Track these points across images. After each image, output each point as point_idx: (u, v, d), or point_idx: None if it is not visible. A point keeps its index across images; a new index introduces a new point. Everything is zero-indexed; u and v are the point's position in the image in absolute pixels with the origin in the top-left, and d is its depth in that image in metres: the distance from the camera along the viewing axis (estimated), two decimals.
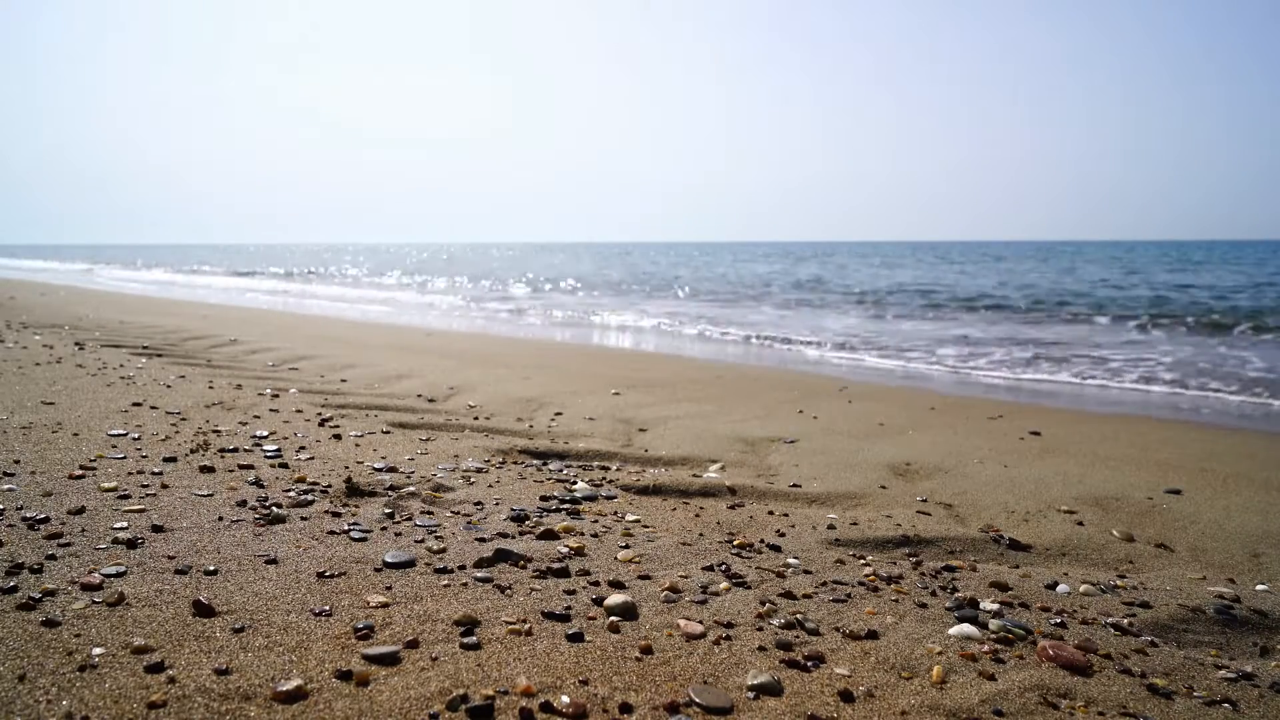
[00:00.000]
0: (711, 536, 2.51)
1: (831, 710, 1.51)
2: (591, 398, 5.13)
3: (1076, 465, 3.75)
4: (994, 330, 12.19)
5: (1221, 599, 2.20)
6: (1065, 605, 2.11)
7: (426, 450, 3.40)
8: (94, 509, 2.37)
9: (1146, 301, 17.20)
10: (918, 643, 1.82)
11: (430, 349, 7.81)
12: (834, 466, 3.56)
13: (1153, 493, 3.30)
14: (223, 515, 2.40)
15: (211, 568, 1.98)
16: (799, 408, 5.15)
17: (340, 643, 1.64)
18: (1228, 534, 2.82)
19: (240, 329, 8.95)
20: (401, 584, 1.97)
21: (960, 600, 2.08)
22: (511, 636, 1.72)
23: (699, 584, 2.09)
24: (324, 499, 2.64)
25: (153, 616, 1.70)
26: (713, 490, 3.06)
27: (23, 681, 1.41)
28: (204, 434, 3.44)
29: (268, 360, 6.22)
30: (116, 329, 8.02)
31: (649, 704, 1.49)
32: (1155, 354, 9.32)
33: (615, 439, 3.95)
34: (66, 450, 3.00)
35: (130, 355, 5.94)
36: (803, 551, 2.42)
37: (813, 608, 1.99)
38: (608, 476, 3.15)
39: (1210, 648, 1.94)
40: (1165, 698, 1.65)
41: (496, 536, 2.37)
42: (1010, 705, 1.57)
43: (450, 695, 1.46)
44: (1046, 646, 1.80)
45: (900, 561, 2.40)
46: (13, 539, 2.09)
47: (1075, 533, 2.75)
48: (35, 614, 1.67)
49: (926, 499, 3.09)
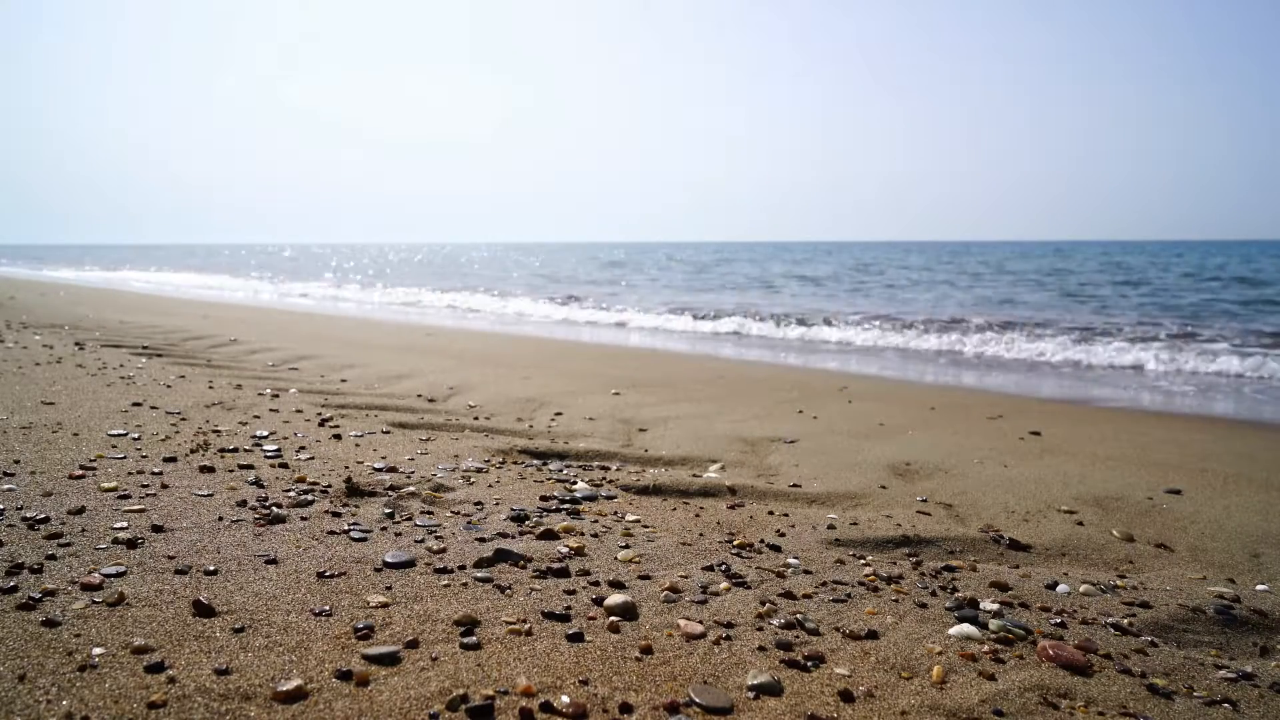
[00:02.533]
0: (711, 536, 2.51)
1: (831, 710, 1.51)
2: (591, 398, 5.13)
3: (1076, 465, 3.75)
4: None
5: (1221, 599, 2.20)
6: (1065, 605, 2.11)
7: (426, 450, 3.40)
8: (94, 509, 2.37)
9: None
10: (918, 643, 1.82)
11: (430, 349, 7.81)
12: (834, 466, 3.56)
13: (1153, 493, 3.30)
14: (223, 515, 2.40)
15: (211, 568, 1.98)
16: (799, 407, 5.15)
17: (340, 643, 1.64)
18: (1228, 534, 2.82)
19: (240, 329, 8.95)
20: (401, 584, 1.97)
21: (960, 600, 2.08)
22: (511, 636, 1.72)
23: (699, 584, 2.09)
24: (324, 499, 2.64)
25: (153, 616, 1.70)
26: (713, 490, 3.06)
27: (23, 681, 1.41)
28: (204, 434, 3.44)
29: (268, 360, 6.22)
30: (116, 329, 8.03)
31: (649, 704, 1.49)
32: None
33: (615, 439, 3.95)
34: (66, 450, 3.00)
35: (130, 355, 5.94)
36: (803, 551, 2.42)
37: (813, 608, 1.99)
38: (608, 476, 3.15)
39: (1210, 648, 1.94)
40: (1165, 698, 1.65)
41: (496, 536, 2.37)
42: (1010, 705, 1.57)
43: (450, 695, 1.46)
44: (1046, 646, 1.80)
45: (900, 561, 2.40)
46: (13, 539, 2.09)
47: (1075, 533, 2.75)
48: (35, 614, 1.67)
49: (926, 499, 3.09)
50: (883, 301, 18.01)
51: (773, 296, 19.63)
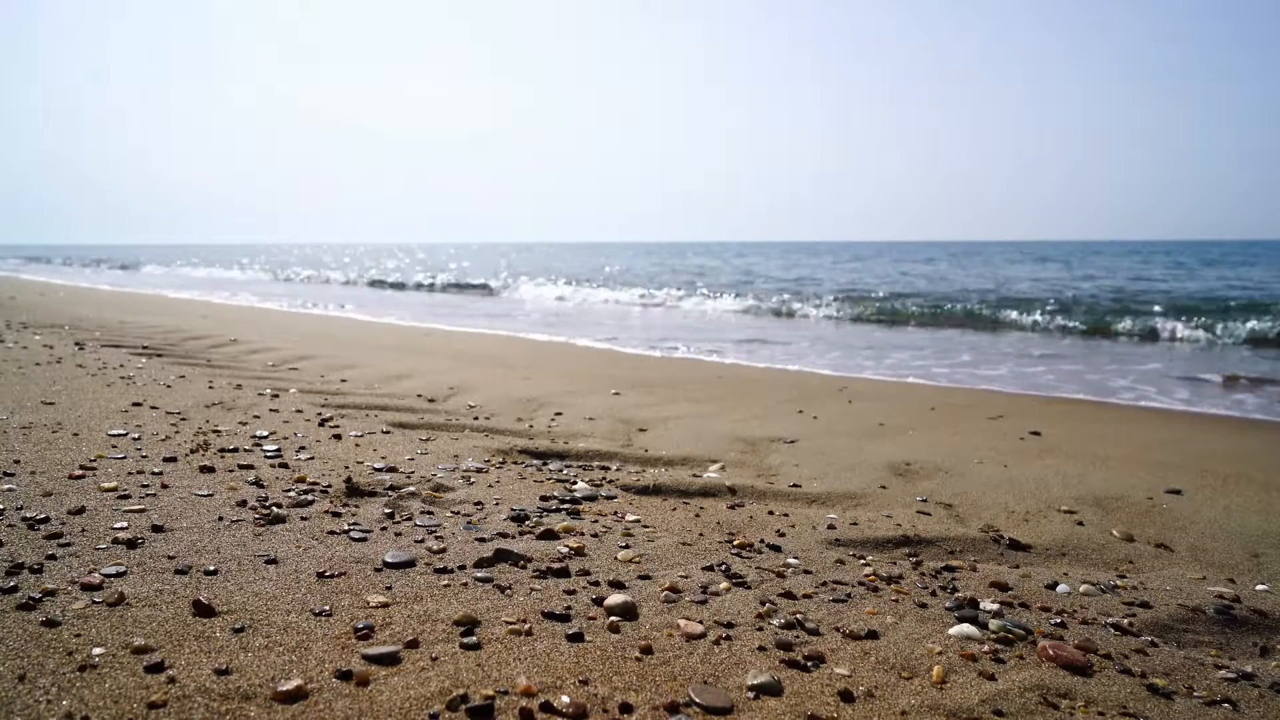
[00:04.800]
0: (711, 536, 2.51)
1: (831, 710, 1.51)
2: (591, 397, 5.13)
3: (1076, 465, 3.75)
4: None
5: (1221, 599, 2.20)
6: (1065, 605, 2.11)
7: (426, 450, 3.40)
8: (94, 509, 2.37)
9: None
10: (918, 643, 1.82)
11: (430, 349, 7.81)
12: (834, 466, 3.56)
13: (1153, 493, 3.30)
14: (223, 515, 2.40)
15: (211, 568, 1.98)
16: (799, 408, 5.15)
17: (340, 643, 1.64)
18: (1228, 534, 2.82)
19: (240, 329, 8.95)
20: (401, 584, 1.97)
21: (960, 600, 2.08)
22: (511, 636, 1.72)
23: (699, 584, 2.09)
24: (324, 499, 2.64)
25: (153, 616, 1.70)
26: (713, 490, 3.06)
27: (23, 681, 1.41)
28: (204, 434, 3.44)
29: (268, 360, 6.22)
30: (116, 329, 8.03)
31: (649, 704, 1.49)
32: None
33: (615, 439, 3.95)
34: (66, 450, 3.00)
35: (130, 355, 5.94)
36: (803, 551, 2.42)
37: (813, 608, 1.99)
38: (608, 476, 3.15)
39: (1210, 648, 1.94)
40: (1165, 698, 1.65)
41: (496, 536, 2.37)
42: (1010, 705, 1.57)
43: (450, 695, 1.46)
44: (1046, 646, 1.80)
45: (900, 561, 2.40)
46: (13, 539, 2.09)
47: (1075, 533, 2.75)
48: (35, 614, 1.67)
49: (926, 499, 3.09)
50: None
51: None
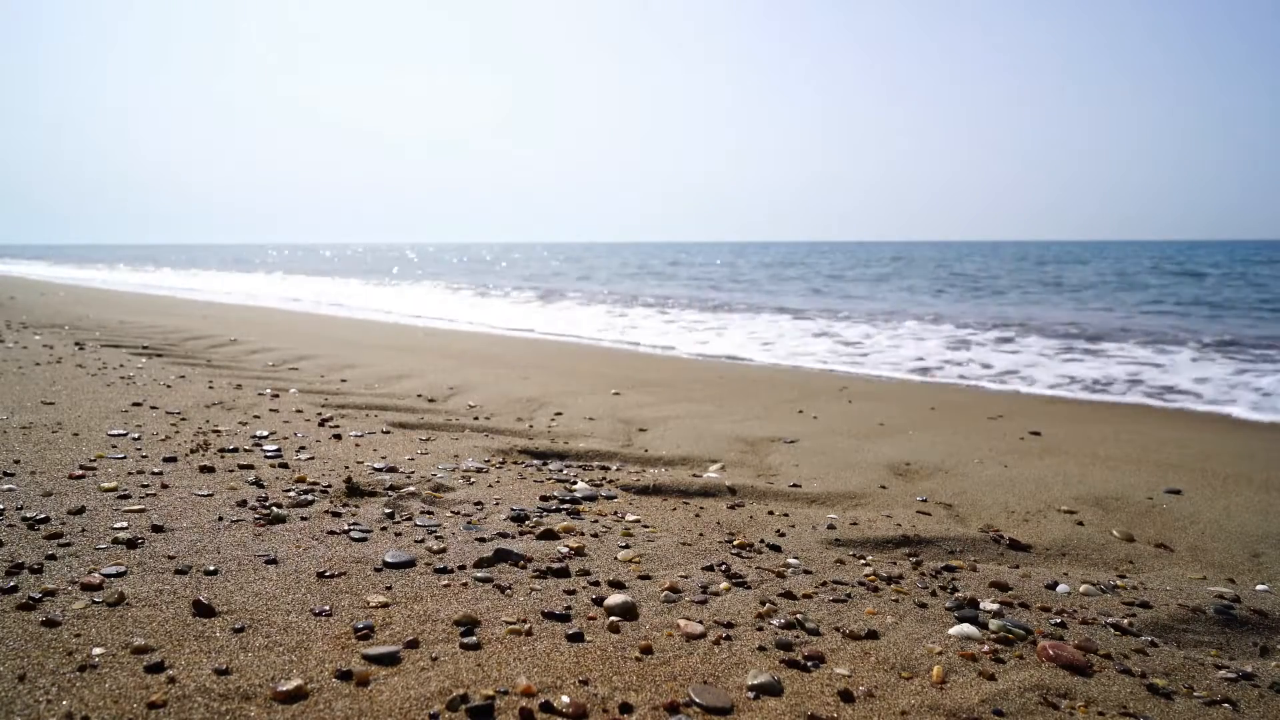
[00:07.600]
0: (711, 536, 2.51)
1: (831, 710, 1.51)
2: (591, 397, 5.13)
3: (1076, 465, 3.75)
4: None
5: (1221, 599, 2.20)
6: (1065, 605, 2.11)
7: (426, 450, 3.40)
8: (94, 509, 2.37)
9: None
10: (918, 643, 1.82)
11: (430, 349, 7.81)
12: (834, 466, 3.56)
13: (1153, 493, 3.30)
14: (223, 515, 2.40)
15: (211, 568, 1.98)
16: (799, 407, 5.15)
17: (340, 643, 1.64)
18: (1228, 534, 2.82)
19: (240, 329, 8.95)
20: (401, 584, 1.97)
21: (960, 600, 2.08)
22: (511, 636, 1.72)
23: (699, 584, 2.09)
24: (324, 499, 2.64)
25: (153, 616, 1.70)
26: (713, 490, 3.06)
27: (23, 681, 1.41)
28: (204, 434, 3.44)
29: (268, 360, 6.22)
30: (116, 329, 8.03)
31: (649, 704, 1.49)
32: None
33: (615, 439, 3.95)
34: (66, 450, 3.00)
35: (130, 355, 5.94)
36: (803, 551, 2.42)
37: (813, 608, 1.99)
38: (608, 476, 3.15)
39: (1210, 648, 1.94)
40: (1165, 698, 1.65)
41: (496, 536, 2.37)
42: (1010, 705, 1.57)
43: (450, 695, 1.46)
44: (1046, 646, 1.80)
45: (900, 561, 2.40)
46: (13, 539, 2.09)
47: (1075, 533, 2.75)
48: (35, 614, 1.67)
49: (926, 499, 3.09)
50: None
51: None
